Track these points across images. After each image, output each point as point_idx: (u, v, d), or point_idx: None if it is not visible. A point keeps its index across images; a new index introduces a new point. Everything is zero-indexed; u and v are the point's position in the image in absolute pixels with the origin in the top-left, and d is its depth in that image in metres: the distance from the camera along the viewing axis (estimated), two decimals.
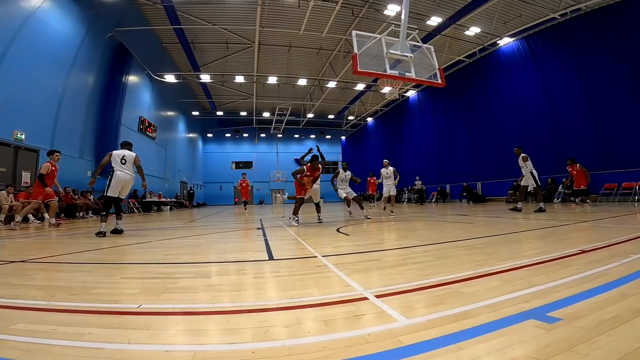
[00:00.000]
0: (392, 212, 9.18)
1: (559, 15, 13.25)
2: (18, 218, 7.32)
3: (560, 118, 13.95)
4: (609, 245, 3.06)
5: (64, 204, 10.99)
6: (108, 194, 5.53)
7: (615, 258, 2.47)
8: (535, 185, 8.29)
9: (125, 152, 5.74)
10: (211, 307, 1.73)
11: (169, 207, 19.50)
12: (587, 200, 10.57)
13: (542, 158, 14.12)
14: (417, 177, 18.91)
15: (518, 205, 8.54)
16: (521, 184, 8.63)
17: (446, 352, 1.12)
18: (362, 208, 8.12)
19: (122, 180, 5.54)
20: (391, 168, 9.45)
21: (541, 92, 14.71)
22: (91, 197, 12.90)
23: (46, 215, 8.10)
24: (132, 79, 17.46)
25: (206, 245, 4.24)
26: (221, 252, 3.68)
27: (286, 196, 25.49)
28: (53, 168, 7.48)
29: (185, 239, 5.05)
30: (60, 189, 8.50)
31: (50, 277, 2.59)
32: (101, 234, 5.24)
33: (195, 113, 30.26)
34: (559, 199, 12.82)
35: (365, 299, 1.77)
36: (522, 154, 8.48)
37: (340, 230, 5.58)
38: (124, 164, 5.60)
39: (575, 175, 10.72)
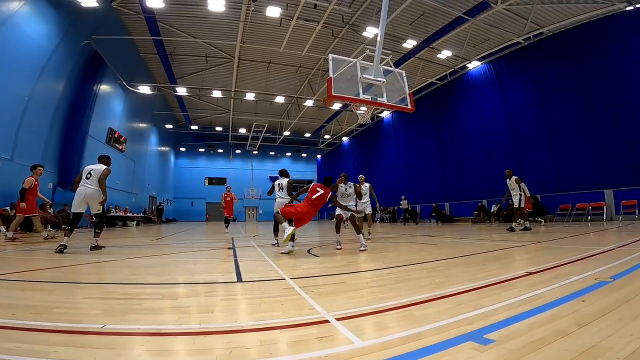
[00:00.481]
0: (369, 233, 8.00)
1: (523, 39, 14.24)
2: (9, 234, 7.48)
3: (519, 140, 14.82)
4: (553, 267, 3.34)
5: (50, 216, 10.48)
6: (71, 210, 5.54)
7: (556, 280, 2.72)
8: (518, 206, 8.86)
9: (94, 166, 5.65)
10: (177, 328, 1.78)
11: (135, 222, 18.79)
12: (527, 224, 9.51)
13: (503, 179, 14.94)
14: (403, 197, 18.86)
15: (527, 225, 8.87)
16: (516, 207, 9.03)
17: None
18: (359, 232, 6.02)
19: (81, 194, 5.38)
20: (367, 184, 8.31)
21: (504, 115, 15.61)
22: (50, 211, 12.26)
23: (2, 228, 7.86)
24: (104, 88, 16.99)
25: (174, 266, 4.20)
26: (189, 272, 3.67)
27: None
28: (36, 183, 7.70)
29: (151, 258, 4.96)
30: (47, 200, 8.99)
31: (10, 295, 2.52)
32: (61, 246, 5.12)
33: (169, 126, 29.70)
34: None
35: (327, 321, 1.88)
36: (515, 177, 9.03)
37: (310, 251, 5.67)
38: (88, 178, 5.48)
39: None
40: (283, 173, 6.84)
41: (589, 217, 11.75)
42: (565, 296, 2.23)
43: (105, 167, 5.71)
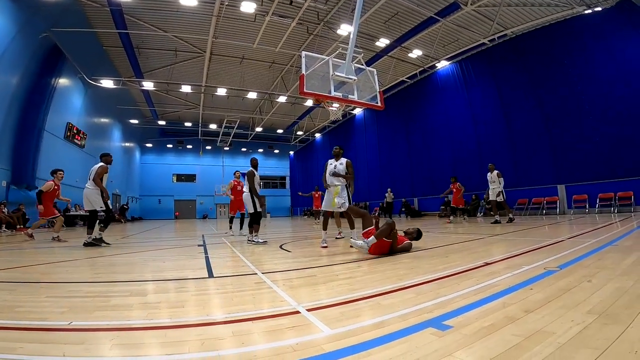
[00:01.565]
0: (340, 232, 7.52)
1: (489, 40, 14.87)
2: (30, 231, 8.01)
3: (482, 138, 15.57)
4: (508, 258, 3.61)
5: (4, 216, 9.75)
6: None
7: (509, 269, 2.95)
8: (495, 199, 9.42)
9: (95, 165, 6.12)
10: (148, 322, 1.79)
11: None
12: (464, 217, 11.89)
13: (468, 175, 15.72)
14: (389, 189, 18.35)
15: (497, 218, 9.30)
16: (491, 199, 9.65)
17: (359, 358, 1.35)
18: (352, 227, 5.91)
19: (84, 195, 6.03)
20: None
21: (468, 113, 16.30)
22: (5, 210, 11.46)
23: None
24: (63, 82, 16.04)
25: (141, 264, 4.11)
26: (158, 270, 3.62)
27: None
28: (56, 187, 7.76)
29: (117, 256, 4.81)
30: (68, 199, 9.14)
31: None
32: (96, 240, 6.06)
33: (135, 121, 28.42)
34: (482, 213, 14.26)
35: (297, 312, 1.96)
36: (497, 171, 9.49)
37: (283, 247, 5.72)
38: (90, 178, 5.99)
39: (455, 192, 11.46)
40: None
41: (544, 211, 12.56)
42: (516, 285, 2.41)
43: (100, 164, 6.09)
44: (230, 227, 9.20)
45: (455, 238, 6.16)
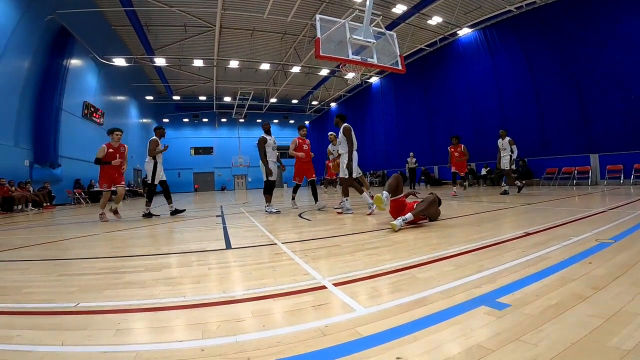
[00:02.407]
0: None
1: (515, 7, 13.80)
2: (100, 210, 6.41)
3: (507, 106, 14.85)
4: (550, 228, 3.28)
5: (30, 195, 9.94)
6: None
7: (556, 241, 2.64)
8: (509, 168, 8.83)
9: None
10: (159, 302, 1.61)
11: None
12: (465, 185, 10.50)
13: (491, 144, 15.06)
14: (411, 154, 16.39)
15: (507, 189, 8.89)
16: (505, 168, 8.93)
17: (402, 343, 1.12)
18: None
19: (144, 167, 6.83)
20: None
21: (492, 82, 15.49)
22: (30, 189, 11.77)
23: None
24: (75, 62, 16.00)
25: (159, 236, 4.02)
26: (175, 242, 3.50)
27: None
28: (111, 150, 6.29)
29: (136, 229, 4.76)
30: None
31: None
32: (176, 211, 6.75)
33: (150, 97, 28.41)
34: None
35: (324, 287, 1.74)
36: (509, 138, 8.88)
37: (302, 215, 5.54)
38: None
39: (456, 157, 9.32)
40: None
41: (575, 181, 11.94)
42: (570, 258, 2.13)
43: (152, 138, 6.58)
44: (293, 198, 7.33)
45: (483, 206, 5.81)
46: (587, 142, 12.06)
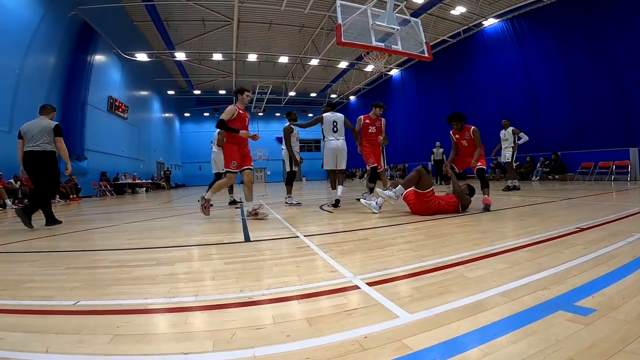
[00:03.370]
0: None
1: None
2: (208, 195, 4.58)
3: (539, 98, 14.08)
4: (604, 223, 2.90)
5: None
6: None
7: (617, 237, 2.29)
8: (510, 161, 8.15)
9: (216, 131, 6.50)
10: (167, 302, 1.40)
11: (144, 189, 18.69)
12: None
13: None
14: (438, 144, 15.00)
15: (512, 184, 8.09)
16: (508, 161, 8.29)
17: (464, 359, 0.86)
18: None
19: (212, 158, 7.12)
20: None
21: (521, 73, 14.75)
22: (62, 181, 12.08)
23: (7, 201, 7.12)
24: (99, 58, 16.36)
25: (177, 227, 3.87)
26: (193, 234, 3.33)
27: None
28: (241, 112, 4.56)
29: (155, 220, 4.65)
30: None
31: None
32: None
33: (171, 92, 28.84)
34: (538, 177, 13.01)
35: (356, 287, 1.49)
36: (512, 127, 8.29)
37: (323, 207, 5.31)
38: (213, 143, 6.92)
39: (465, 146, 5.27)
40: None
41: (613, 177, 11.18)
42: None
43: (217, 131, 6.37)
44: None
45: (518, 200, 5.40)
46: (626, 135, 11.26)
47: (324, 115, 5.50)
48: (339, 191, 5.20)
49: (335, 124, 5.43)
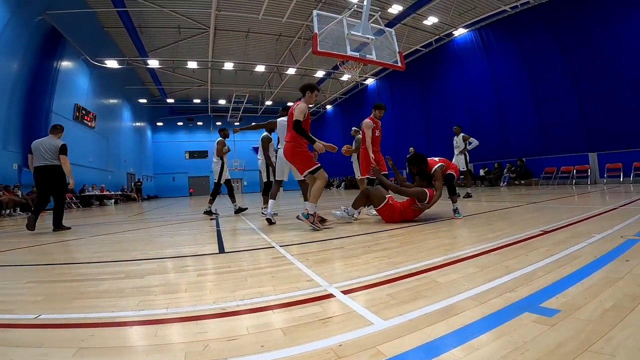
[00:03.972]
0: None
1: (510, 7, 13.75)
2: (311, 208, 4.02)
3: (505, 106, 14.77)
4: (566, 226, 3.06)
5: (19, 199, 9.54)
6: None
7: (579, 238, 2.42)
8: (465, 169, 7.85)
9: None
10: (136, 315, 1.35)
11: (113, 200, 17.92)
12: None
13: (489, 144, 15.01)
14: (411, 149, 13.76)
15: (469, 191, 7.95)
16: (462, 169, 7.98)
17: None
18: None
19: (212, 167, 6.72)
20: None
21: (489, 82, 15.42)
22: (19, 193, 11.37)
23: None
24: (66, 64, 15.69)
25: (148, 240, 3.73)
26: (164, 246, 3.22)
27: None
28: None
29: (124, 233, 4.46)
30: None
31: None
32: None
33: (143, 100, 27.99)
34: (505, 183, 13.56)
35: (331, 295, 1.49)
36: (463, 134, 8.16)
37: (300, 217, 5.28)
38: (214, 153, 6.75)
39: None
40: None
41: (574, 181, 11.83)
42: (604, 255, 1.92)
43: (218, 139, 6.52)
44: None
45: (488, 206, 5.60)
46: (585, 140, 11.97)
47: (277, 120, 4.73)
48: (270, 207, 4.45)
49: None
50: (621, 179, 10.62)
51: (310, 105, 4.12)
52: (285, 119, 4.54)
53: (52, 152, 4.94)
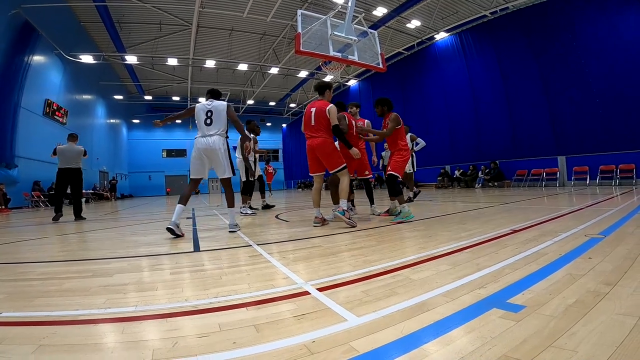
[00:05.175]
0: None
1: (490, 13, 14.18)
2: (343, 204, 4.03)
3: (481, 110, 15.20)
4: (534, 225, 3.18)
5: None
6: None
7: (546, 237, 2.53)
8: (411, 171, 7.34)
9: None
10: (102, 313, 1.30)
11: (84, 199, 17.21)
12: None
13: (465, 145, 15.48)
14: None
15: (411, 195, 7.43)
16: (408, 171, 7.20)
17: (410, 359, 0.88)
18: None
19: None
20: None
21: (467, 85, 15.81)
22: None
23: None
24: (38, 59, 15.00)
25: (118, 239, 3.60)
26: (136, 245, 3.12)
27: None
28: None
29: (94, 232, 4.29)
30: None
31: None
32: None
33: (119, 97, 27.06)
34: (480, 184, 13.97)
35: (306, 293, 1.49)
36: (411, 134, 7.65)
37: (279, 217, 5.26)
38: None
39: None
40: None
41: (544, 183, 12.33)
42: (568, 253, 2.01)
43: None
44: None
45: (463, 206, 5.75)
46: (555, 144, 12.47)
47: (196, 105, 3.89)
48: (176, 214, 3.48)
49: (209, 114, 3.71)
50: (587, 182, 11.15)
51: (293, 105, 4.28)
52: (202, 103, 3.88)
53: (76, 157, 6.25)
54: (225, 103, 3.78)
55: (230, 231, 3.61)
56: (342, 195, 3.90)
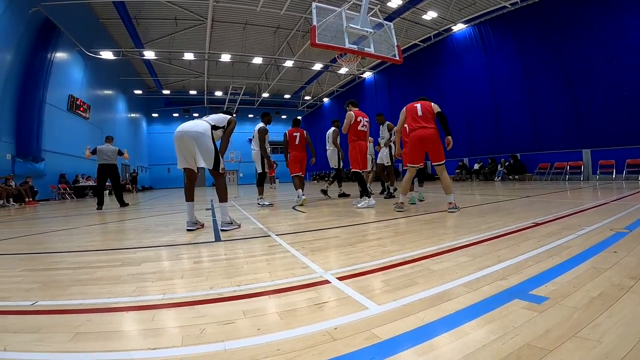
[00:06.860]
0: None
1: (510, 4, 13.72)
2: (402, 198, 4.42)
3: (500, 102, 14.81)
4: (558, 219, 3.11)
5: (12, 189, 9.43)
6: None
7: (569, 231, 2.47)
8: (389, 163, 6.85)
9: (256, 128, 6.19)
10: (132, 301, 1.36)
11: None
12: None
13: (483, 139, 15.16)
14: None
15: (392, 189, 6.87)
16: (387, 164, 6.90)
17: (433, 347, 0.90)
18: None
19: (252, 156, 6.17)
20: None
21: (486, 77, 15.43)
22: (12, 183, 11.25)
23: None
24: (61, 55, 15.46)
25: (143, 229, 3.73)
26: (159, 235, 3.22)
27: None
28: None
29: (119, 223, 4.46)
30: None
31: None
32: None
33: (138, 92, 27.68)
34: (500, 177, 13.68)
35: (327, 282, 1.52)
36: (389, 122, 7.08)
37: (296, 208, 5.31)
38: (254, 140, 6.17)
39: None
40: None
41: (567, 176, 11.97)
42: (592, 247, 1.96)
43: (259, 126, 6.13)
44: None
45: (482, 199, 5.66)
46: (579, 137, 12.07)
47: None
48: (188, 214, 3.44)
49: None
50: (614, 176, 10.75)
51: (308, 98, 4.48)
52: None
53: (113, 155, 7.52)
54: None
55: (221, 230, 3.23)
56: (405, 190, 4.41)
